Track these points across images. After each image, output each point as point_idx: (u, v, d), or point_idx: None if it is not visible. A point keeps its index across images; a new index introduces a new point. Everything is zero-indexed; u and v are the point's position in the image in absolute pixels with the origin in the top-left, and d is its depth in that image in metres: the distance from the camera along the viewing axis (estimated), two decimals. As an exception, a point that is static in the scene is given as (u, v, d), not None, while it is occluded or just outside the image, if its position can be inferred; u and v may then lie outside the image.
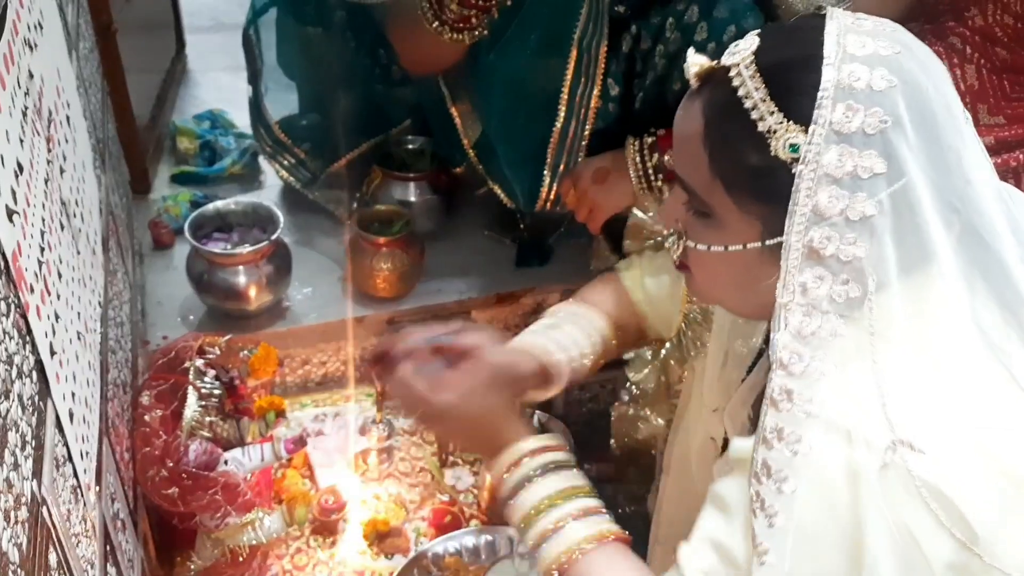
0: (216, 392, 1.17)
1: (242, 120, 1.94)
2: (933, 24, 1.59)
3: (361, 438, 1.45)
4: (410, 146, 1.78)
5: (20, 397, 0.63)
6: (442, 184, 1.75)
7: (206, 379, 1.16)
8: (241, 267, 1.47)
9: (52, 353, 0.73)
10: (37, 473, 0.64)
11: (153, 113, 2.01)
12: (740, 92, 0.74)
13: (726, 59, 0.77)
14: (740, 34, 0.81)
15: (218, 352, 1.21)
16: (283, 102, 1.71)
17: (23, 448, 0.62)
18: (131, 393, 1.21)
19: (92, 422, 0.88)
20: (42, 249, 0.76)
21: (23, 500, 0.60)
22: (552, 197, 1.51)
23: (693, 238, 0.82)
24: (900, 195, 0.71)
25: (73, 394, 0.80)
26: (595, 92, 1.42)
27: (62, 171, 0.93)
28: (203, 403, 1.12)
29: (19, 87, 0.76)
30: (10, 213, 0.66)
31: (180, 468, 1.05)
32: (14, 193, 0.68)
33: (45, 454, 0.67)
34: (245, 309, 1.50)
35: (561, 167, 1.48)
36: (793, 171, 0.72)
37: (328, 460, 1.44)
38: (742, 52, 0.75)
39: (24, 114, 0.78)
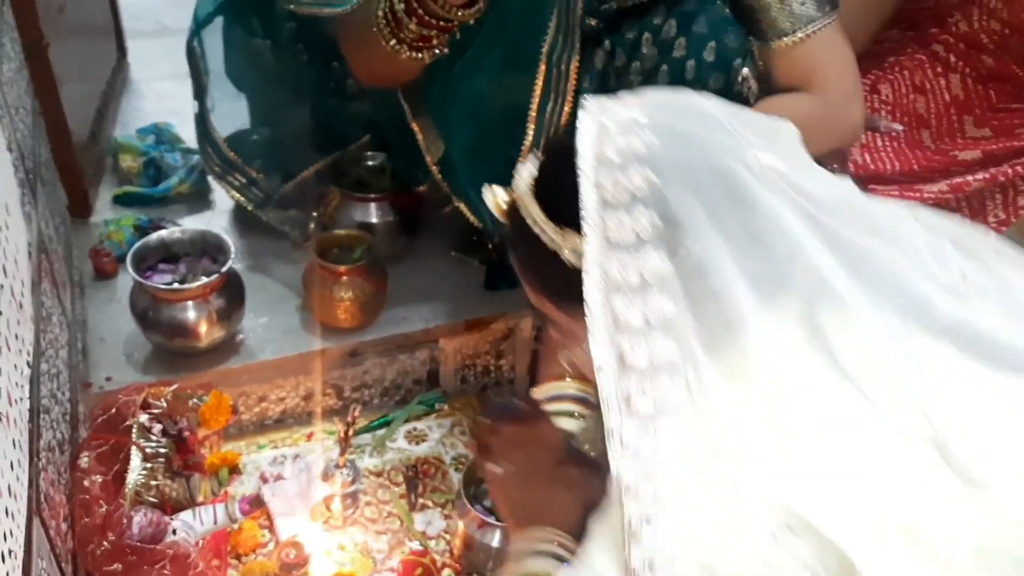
0: (162, 451, 1.07)
1: (189, 134, 1.81)
2: (915, 31, 1.53)
3: (323, 483, 1.35)
4: (369, 163, 1.68)
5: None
6: (404, 204, 1.65)
7: (151, 436, 1.06)
8: (189, 303, 1.37)
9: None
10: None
11: (93, 129, 1.88)
12: (527, 219, 0.80)
13: (514, 189, 0.83)
14: (721, 51, 0.78)
15: (164, 405, 1.11)
16: (232, 116, 1.59)
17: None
18: (70, 451, 1.11)
19: (17, 510, 0.78)
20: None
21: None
22: None
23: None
24: (690, 269, 0.71)
25: (-9, 489, 0.70)
26: (565, 109, 1.33)
27: (-23, 225, 0.83)
28: (148, 464, 1.02)
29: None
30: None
31: (123, 542, 0.95)
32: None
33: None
34: (195, 346, 1.40)
35: None
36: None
37: (288, 508, 1.34)
38: (522, 181, 0.82)
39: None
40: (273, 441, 1.47)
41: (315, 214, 1.63)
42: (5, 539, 0.72)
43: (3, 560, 0.70)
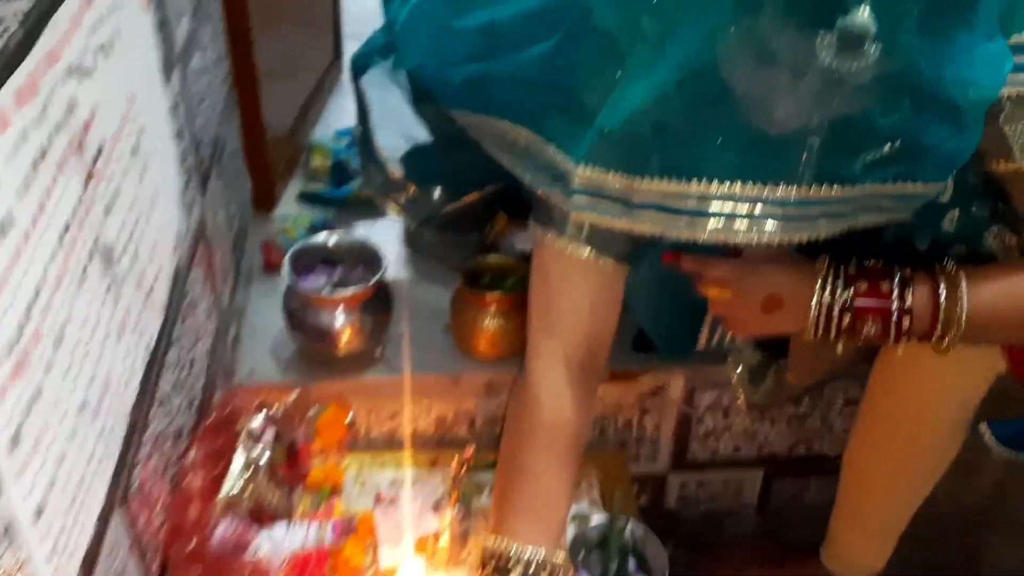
0: (266, 457, 1.06)
1: (384, 140, 1.83)
2: None
3: (433, 515, 1.30)
4: (542, 192, 1.62)
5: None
6: (571, 238, 1.58)
7: (260, 442, 1.05)
8: (337, 310, 1.36)
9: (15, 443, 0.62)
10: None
11: (294, 125, 1.95)
12: None
13: None
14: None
15: (281, 411, 1.10)
16: (397, 133, 1.57)
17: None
18: (187, 442, 1.11)
19: (90, 503, 0.77)
20: (28, 312, 0.65)
21: None
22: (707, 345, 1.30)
23: None
24: None
25: (53, 481, 0.69)
26: None
27: (108, 210, 0.83)
28: (248, 471, 1.01)
29: (41, 120, 0.66)
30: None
31: (204, 548, 0.93)
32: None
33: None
34: (334, 353, 1.39)
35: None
36: None
37: (396, 534, 1.31)
38: None
39: (43, 155, 0.68)
40: (397, 460, 1.44)
41: (479, 236, 1.59)
42: (64, 533, 0.71)
43: (58, 553, 0.69)
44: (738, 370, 1.39)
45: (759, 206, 0.81)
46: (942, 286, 0.94)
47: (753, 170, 0.80)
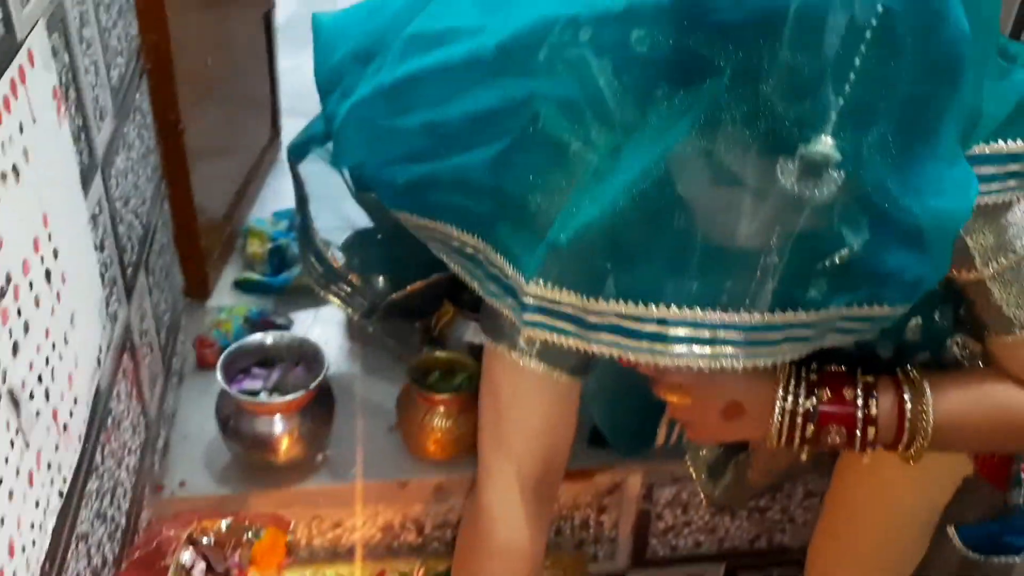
0: (200, 596, 0.97)
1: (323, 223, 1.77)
2: None
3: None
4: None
5: None
6: (520, 329, 1.53)
7: (191, 577, 0.96)
8: (275, 417, 1.28)
9: None
10: None
11: (229, 209, 1.87)
12: None
13: None
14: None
15: (212, 540, 1.01)
16: (338, 217, 1.51)
17: None
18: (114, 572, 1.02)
19: None
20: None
21: None
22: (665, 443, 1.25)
23: None
24: None
25: None
26: None
27: (15, 350, 0.75)
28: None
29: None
30: None
31: None
32: None
33: None
34: (273, 462, 1.31)
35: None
36: None
37: (343, 656, 1.22)
38: None
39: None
40: (341, 574, 1.36)
41: (425, 327, 1.53)
42: None
43: None
44: (696, 466, 1.34)
45: (721, 332, 0.77)
46: (907, 394, 0.90)
47: (713, 295, 0.76)
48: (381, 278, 1.52)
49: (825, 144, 0.65)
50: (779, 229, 0.72)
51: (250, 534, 1.10)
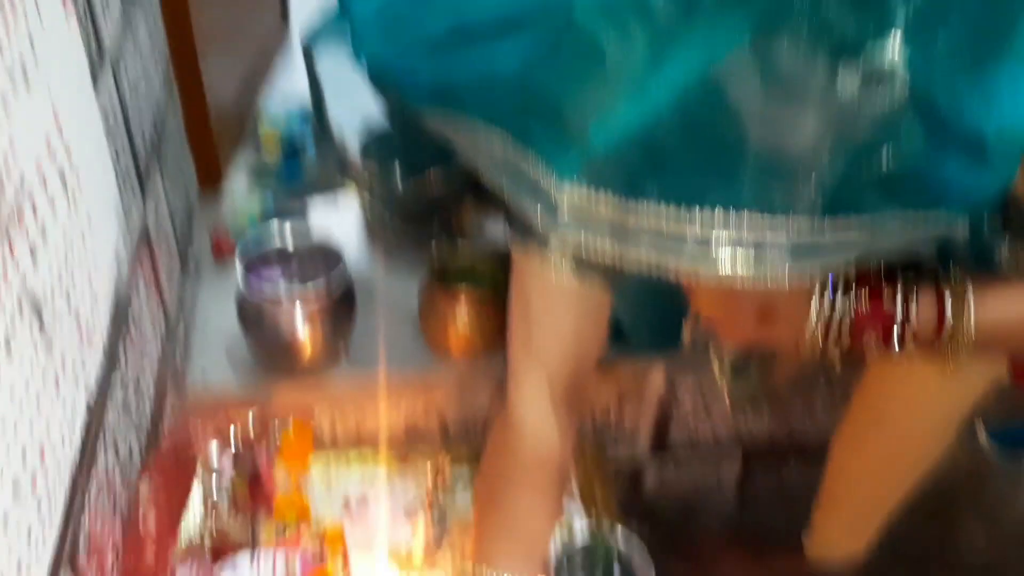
0: (226, 488, 0.98)
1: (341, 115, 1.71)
2: None
3: (406, 522, 1.24)
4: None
5: None
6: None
7: (218, 473, 0.97)
8: (296, 312, 1.27)
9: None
10: None
11: (238, 96, 1.82)
12: None
13: None
14: None
15: (238, 434, 1.02)
16: (355, 108, 1.46)
17: None
18: (140, 463, 1.03)
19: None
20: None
21: None
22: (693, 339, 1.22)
23: None
24: None
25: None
26: None
27: (33, 254, 0.73)
28: (208, 509, 0.93)
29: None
30: None
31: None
32: None
33: None
34: (296, 357, 1.31)
35: None
36: None
37: (367, 541, 1.24)
38: None
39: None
40: (364, 459, 1.37)
41: (444, 222, 1.50)
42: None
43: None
44: (719, 362, 1.34)
45: (769, 237, 0.73)
46: (948, 299, 0.88)
47: (760, 199, 0.72)
48: (398, 168, 1.48)
49: (892, 46, 0.60)
50: (834, 136, 0.68)
51: (275, 427, 1.10)
